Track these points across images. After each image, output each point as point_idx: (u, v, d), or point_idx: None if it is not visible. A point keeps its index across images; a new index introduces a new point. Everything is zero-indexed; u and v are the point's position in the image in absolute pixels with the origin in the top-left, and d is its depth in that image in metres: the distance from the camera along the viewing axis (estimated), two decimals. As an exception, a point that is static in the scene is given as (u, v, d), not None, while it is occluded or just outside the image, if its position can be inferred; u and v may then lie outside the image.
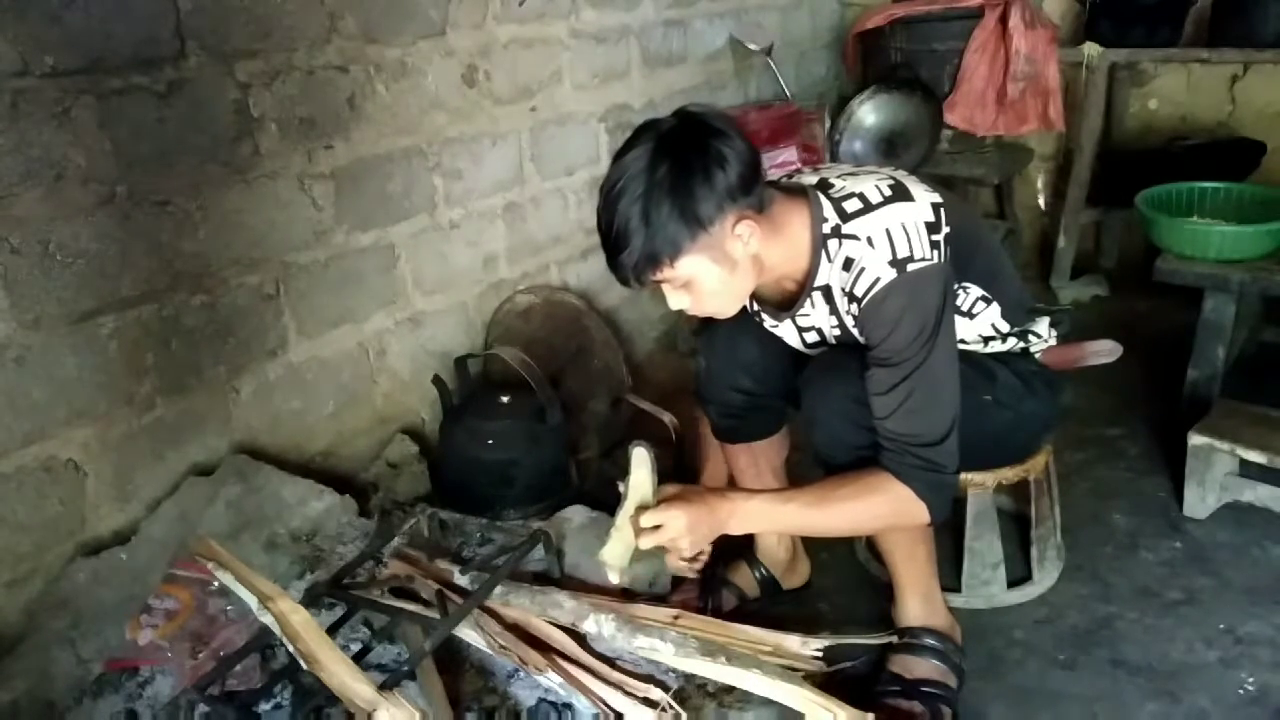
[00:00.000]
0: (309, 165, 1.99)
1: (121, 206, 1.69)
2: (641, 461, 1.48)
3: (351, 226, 2.11)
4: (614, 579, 1.55)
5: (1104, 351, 2.01)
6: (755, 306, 1.66)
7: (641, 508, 1.47)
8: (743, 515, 1.48)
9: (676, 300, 1.47)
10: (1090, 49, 3.21)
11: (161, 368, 1.80)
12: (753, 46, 3.22)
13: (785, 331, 1.65)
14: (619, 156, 1.38)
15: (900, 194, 1.46)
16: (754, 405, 1.76)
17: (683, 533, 1.43)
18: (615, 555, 1.51)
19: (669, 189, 1.33)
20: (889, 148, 3.17)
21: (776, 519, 1.52)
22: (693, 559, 1.85)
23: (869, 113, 3.17)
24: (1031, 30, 3.12)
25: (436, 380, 2.28)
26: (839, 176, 1.52)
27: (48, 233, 1.59)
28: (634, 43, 2.84)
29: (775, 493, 1.58)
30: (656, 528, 1.44)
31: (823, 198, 1.48)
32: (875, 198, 1.45)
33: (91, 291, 1.67)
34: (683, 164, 1.33)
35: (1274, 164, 3.15)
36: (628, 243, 1.35)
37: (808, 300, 1.55)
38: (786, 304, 1.60)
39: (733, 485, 1.86)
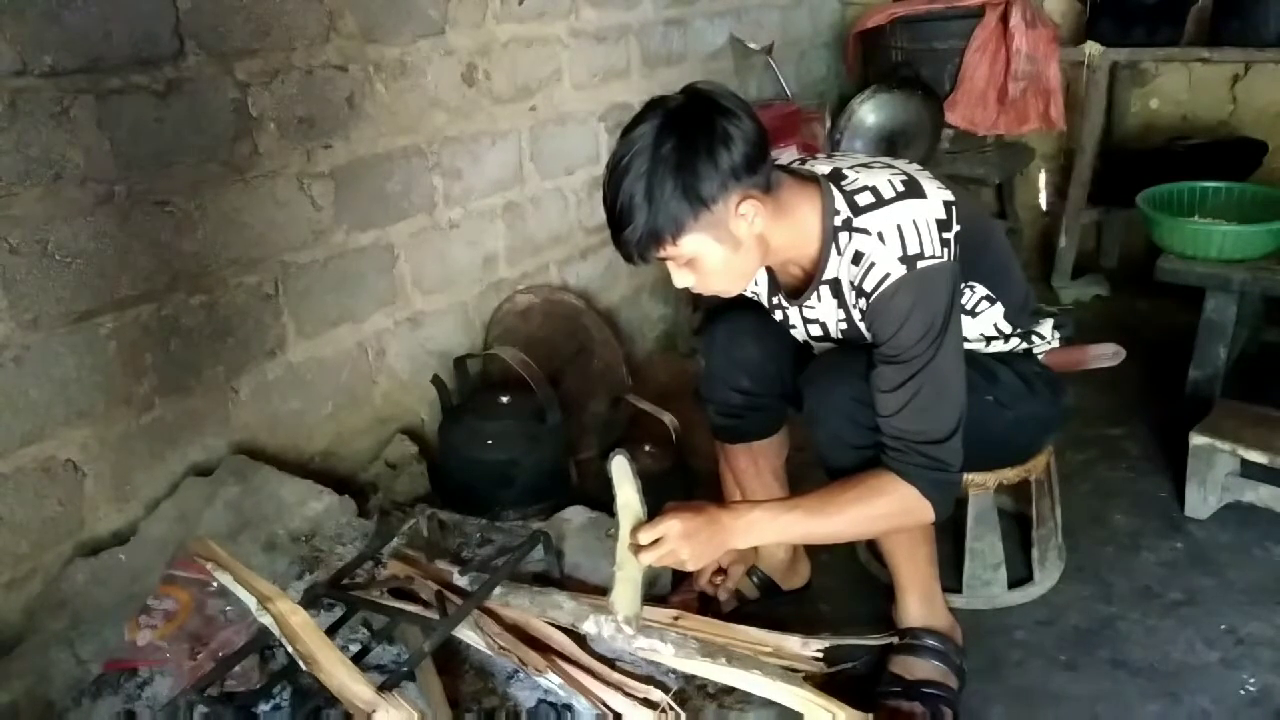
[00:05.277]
0: (308, 165, 1.99)
1: (120, 206, 1.68)
2: (624, 475, 1.44)
3: (351, 226, 2.10)
4: (629, 630, 1.47)
5: (1106, 355, 2.01)
6: (770, 287, 1.65)
7: (636, 527, 1.45)
8: (746, 525, 1.47)
9: (681, 278, 1.46)
10: (1091, 48, 3.21)
11: (160, 368, 1.79)
12: (753, 46, 3.22)
13: (792, 318, 1.65)
14: (626, 132, 1.38)
15: (913, 190, 1.45)
16: (754, 405, 1.76)
17: (680, 542, 1.42)
18: (624, 600, 1.47)
19: (673, 166, 1.32)
20: (890, 147, 3.16)
21: (781, 528, 1.50)
22: (713, 579, 1.86)
23: (869, 112, 3.17)
24: (1032, 29, 3.11)
25: (436, 380, 2.28)
26: (852, 168, 1.51)
27: (46, 232, 1.59)
28: (634, 42, 2.83)
29: (778, 501, 1.57)
30: (655, 542, 1.42)
31: (834, 189, 1.47)
32: (888, 192, 1.45)
33: (90, 291, 1.66)
34: (688, 141, 1.33)
35: (1276, 163, 3.16)
36: (631, 219, 1.35)
37: (814, 293, 1.54)
38: (794, 292, 1.60)
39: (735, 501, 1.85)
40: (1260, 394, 2.27)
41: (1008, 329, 1.67)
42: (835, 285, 1.51)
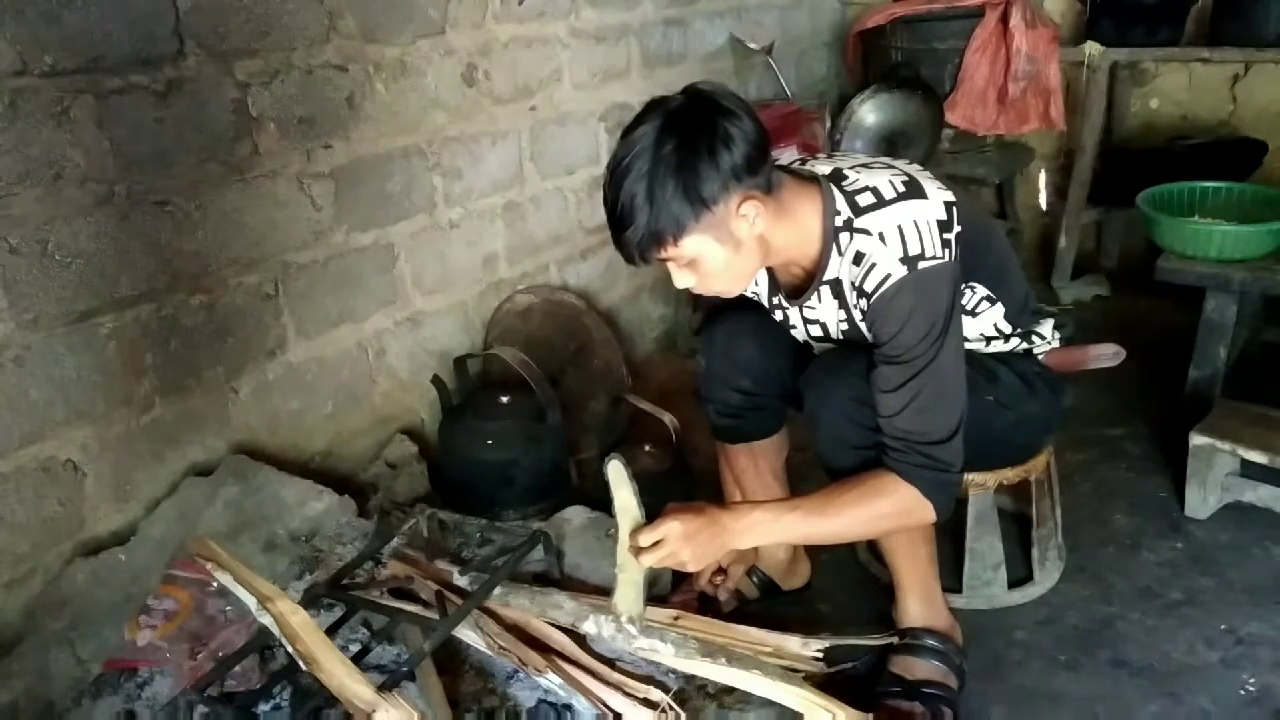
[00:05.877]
0: (308, 165, 1.99)
1: (120, 206, 1.68)
2: (620, 479, 1.44)
3: (351, 226, 2.10)
4: (633, 630, 1.48)
5: (1106, 355, 2.01)
6: (770, 287, 1.65)
7: (635, 529, 1.45)
8: (747, 526, 1.47)
9: (682, 279, 1.46)
10: (1091, 48, 3.20)
11: (160, 368, 1.79)
12: (753, 45, 3.22)
13: (792, 319, 1.65)
14: (627, 133, 1.38)
15: (914, 190, 1.45)
16: (753, 405, 1.76)
17: (681, 543, 1.42)
18: (628, 601, 1.47)
19: (674, 167, 1.33)
20: (890, 147, 3.16)
21: (782, 529, 1.50)
22: (713, 578, 1.86)
23: (869, 112, 3.17)
24: (1032, 29, 3.11)
25: (436, 380, 2.28)
26: (852, 168, 1.51)
27: (46, 232, 1.59)
28: (634, 42, 2.83)
29: (779, 502, 1.57)
30: (656, 544, 1.42)
31: (835, 190, 1.47)
32: (889, 193, 1.45)
33: (90, 291, 1.66)
34: (689, 142, 1.33)
35: (1275, 163, 3.15)
36: (632, 220, 1.35)
37: (815, 293, 1.54)
38: (795, 292, 1.60)
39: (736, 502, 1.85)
40: (1260, 394, 2.27)
41: (1008, 329, 1.67)
42: (836, 285, 1.51)
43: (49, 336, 1.62)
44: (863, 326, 1.50)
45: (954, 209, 1.45)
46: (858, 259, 1.44)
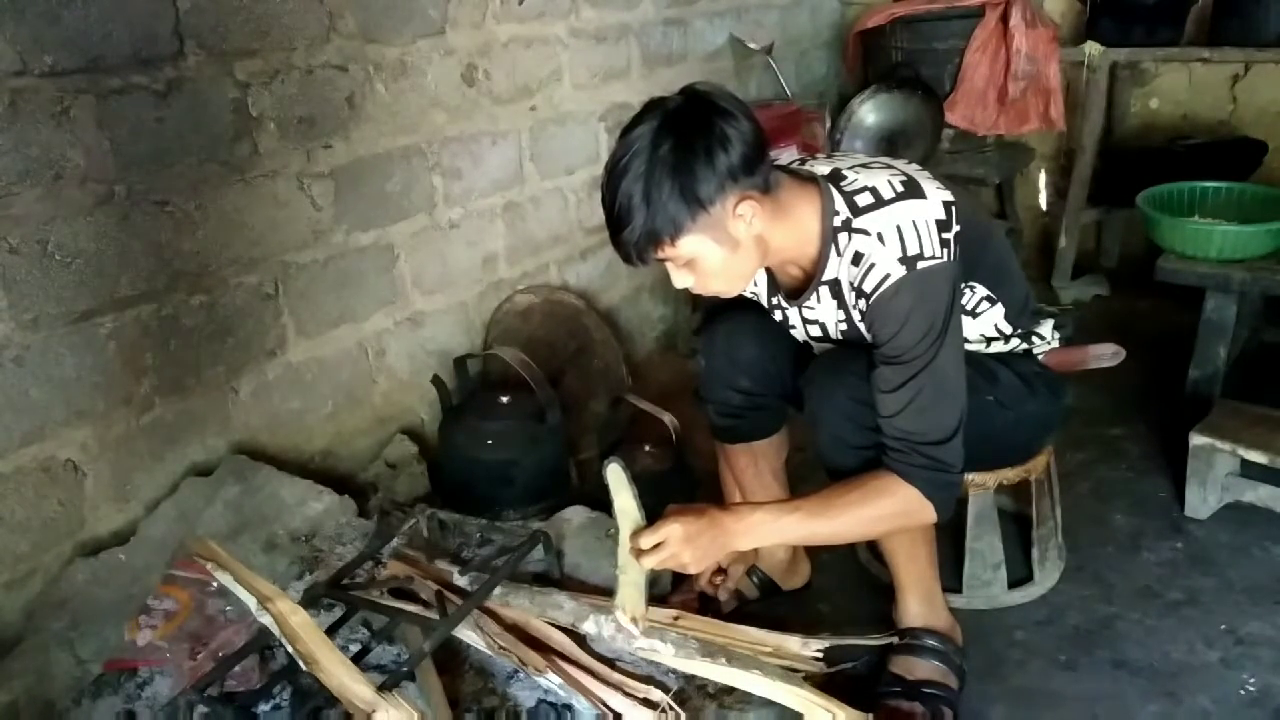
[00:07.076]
0: (308, 165, 1.99)
1: (120, 206, 1.69)
2: (620, 483, 1.44)
3: (351, 226, 2.10)
4: (635, 631, 1.47)
5: (1106, 355, 2.01)
6: (769, 288, 1.65)
7: (636, 532, 1.45)
8: (748, 527, 1.47)
9: (680, 279, 1.47)
10: (1091, 48, 3.21)
11: (160, 367, 1.79)
12: (753, 45, 3.22)
13: (792, 319, 1.65)
14: (625, 133, 1.38)
15: (912, 190, 1.45)
16: (753, 405, 1.76)
17: (682, 545, 1.42)
18: (631, 601, 1.47)
19: (671, 168, 1.33)
20: (889, 147, 3.16)
21: (782, 530, 1.50)
22: (713, 578, 1.86)
23: (869, 112, 3.17)
24: (1032, 29, 3.11)
25: (436, 380, 2.28)
26: (851, 168, 1.51)
27: (46, 232, 1.59)
28: (634, 42, 2.83)
29: (779, 503, 1.57)
30: (656, 546, 1.42)
31: (834, 190, 1.47)
32: (887, 193, 1.45)
33: (90, 291, 1.66)
34: (685, 143, 1.33)
35: (1276, 163, 3.15)
36: (629, 221, 1.35)
37: (814, 294, 1.54)
38: (794, 293, 1.60)
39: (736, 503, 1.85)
40: (1260, 394, 2.27)
41: (1008, 329, 1.67)
42: (835, 286, 1.51)
43: (49, 336, 1.62)
44: (862, 327, 1.50)
45: (953, 209, 1.45)
46: (856, 259, 1.44)
